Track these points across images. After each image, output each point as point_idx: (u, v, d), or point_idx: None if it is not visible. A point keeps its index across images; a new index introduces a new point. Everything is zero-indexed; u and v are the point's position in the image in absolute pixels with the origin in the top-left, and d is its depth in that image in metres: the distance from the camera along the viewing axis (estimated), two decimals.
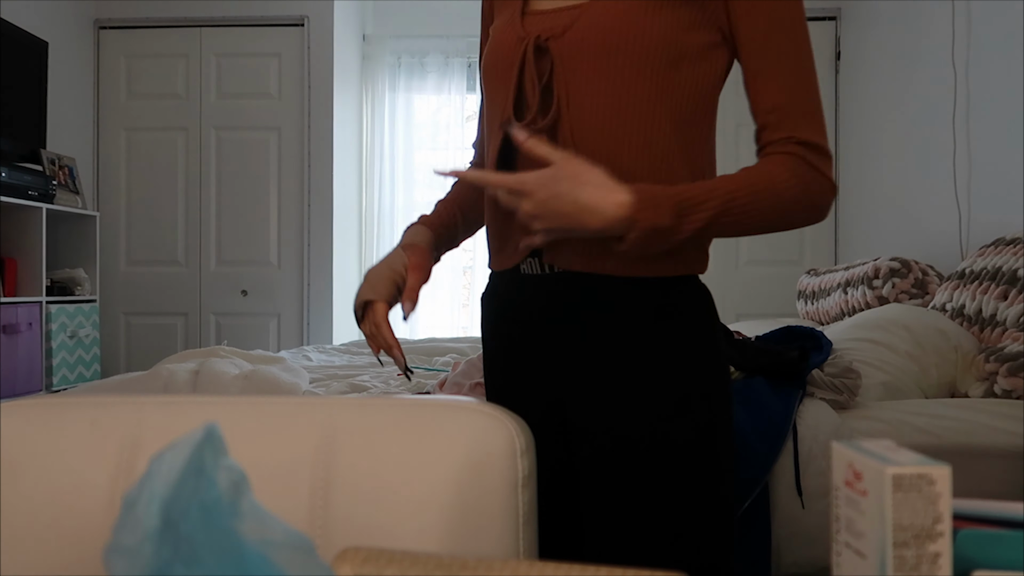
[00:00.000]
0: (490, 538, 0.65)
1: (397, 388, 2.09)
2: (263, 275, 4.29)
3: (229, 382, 1.91)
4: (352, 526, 0.65)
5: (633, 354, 0.91)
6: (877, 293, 2.63)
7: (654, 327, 0.91)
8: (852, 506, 0.44)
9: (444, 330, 4.66)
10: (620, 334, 0.91)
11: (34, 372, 3.41)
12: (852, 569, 0.44)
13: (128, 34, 4.31)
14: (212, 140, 4.30)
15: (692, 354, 0.91)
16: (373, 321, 1.04)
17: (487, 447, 0.66)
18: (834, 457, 0.46)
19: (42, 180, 3.51)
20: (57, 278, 3.72)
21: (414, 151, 4.69)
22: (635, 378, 0.90)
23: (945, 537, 0.40)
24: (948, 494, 0.41)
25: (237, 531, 0.45)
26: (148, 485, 0.44)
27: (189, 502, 0.44)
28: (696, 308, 0.93)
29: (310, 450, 0.67)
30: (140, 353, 4.30)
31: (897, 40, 3.44)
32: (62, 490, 0.66)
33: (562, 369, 0.95)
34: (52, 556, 0.65)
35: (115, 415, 0.69)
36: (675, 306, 0.92)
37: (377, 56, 4.64)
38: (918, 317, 2.13)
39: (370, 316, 1.04)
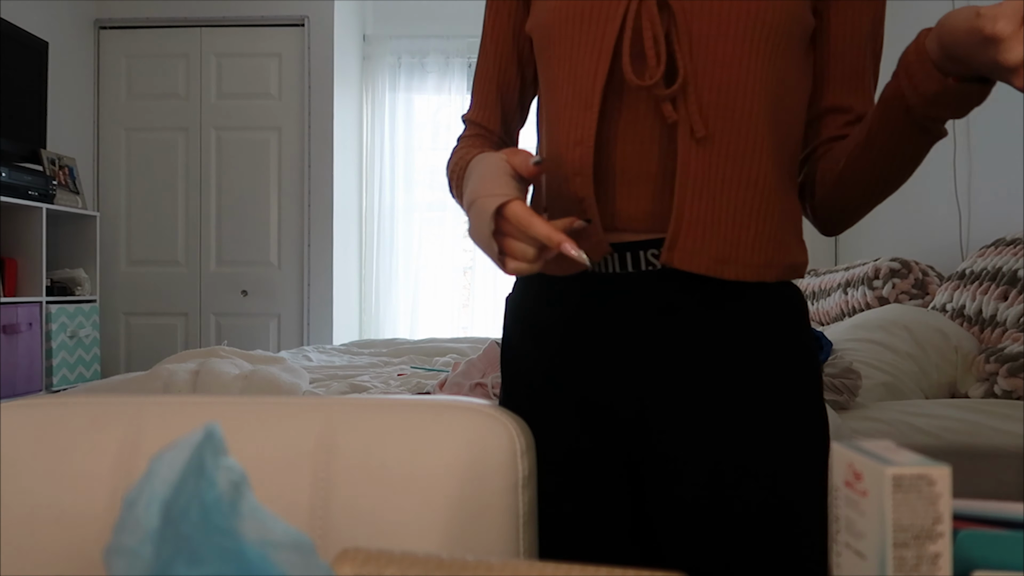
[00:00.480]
0: (490, 538, 0.65)
1: (397, 388, 2.09)
2: (263, 275, 4.29)
3: (229, 382, 1.91)
4: (352, 526, 0.65)
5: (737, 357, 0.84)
6: (877, 293, 2.63)
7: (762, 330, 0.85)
8: (852, 506, 0.44)
9: (444, 330, 4.66)
10: (726, 336, 0.85)
11: (34, 372, 3.42)
12: (852, 569, 0.44)
13: (128, 34, 4.31)
14: (212, 140, 4.30)
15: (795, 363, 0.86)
16: (520, 222, 0.75)
17: (487, 447, 0.66)
18: (834, 457, 0.46)
19: (42, 180, 3.51)
20: (57, 278, 3.72)
21: (414, 151, 4.70)
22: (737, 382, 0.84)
23: (945, 538, 0.40)
24: (948, 495, 0.41)
25: (237, 531, 0.45)
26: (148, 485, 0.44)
27: (189, 502, 0.44)
28: (799, 313, 0.88)
29: (310, 450, 0.67)
30: (140, 353, 4.30)
31: (897, 40, 3.44)
32: (62, 490, 0.66)
33: (650, 368, 0.86)
34: (52, 556, 0.65)
35: (115, 415, 0.69)
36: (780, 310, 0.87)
37: (377, 56, 4.64)
38: (918, 318, 2.13)
39: (512, 220, 0.75)
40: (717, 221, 0.82)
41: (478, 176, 0.80)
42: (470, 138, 1.02)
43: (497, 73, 1.02)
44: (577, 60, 0.85)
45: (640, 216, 0.86)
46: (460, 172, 0.95)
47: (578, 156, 0.84)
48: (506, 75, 1.01)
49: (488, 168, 0.80)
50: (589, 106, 0.84)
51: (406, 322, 4.67)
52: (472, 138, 1.02)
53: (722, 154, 0.81)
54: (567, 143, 0.85)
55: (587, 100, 0.84)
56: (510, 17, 0.99)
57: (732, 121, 0.81)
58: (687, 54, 0.80)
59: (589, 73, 0.84)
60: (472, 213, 0.78)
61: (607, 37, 0.83)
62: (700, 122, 0.80)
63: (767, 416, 0.83)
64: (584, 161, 0.83)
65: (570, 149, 0.85)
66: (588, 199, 0.84)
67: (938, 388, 1.94)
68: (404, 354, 2.94)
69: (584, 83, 0.84)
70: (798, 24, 0.83)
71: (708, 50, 0.80)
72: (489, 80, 1.02)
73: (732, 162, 0.81)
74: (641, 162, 0.85)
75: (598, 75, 0.83)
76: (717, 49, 0.80)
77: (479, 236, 0.77)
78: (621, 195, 0.86)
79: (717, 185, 0.82)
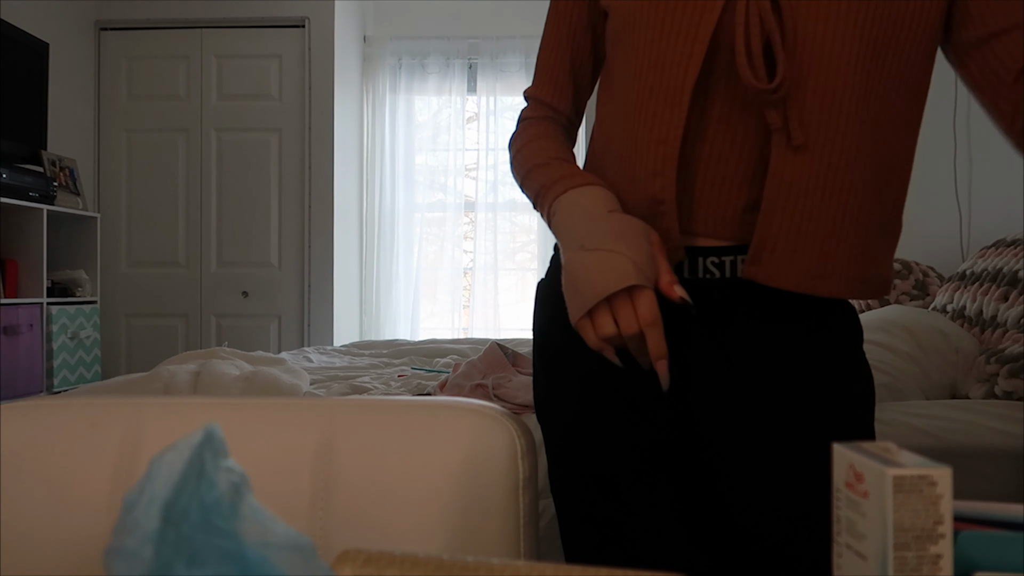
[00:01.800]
0: (491, 539, 0.65)
1: (398, 390, 2.09)
2: (264, 276, 4.29)
3: (230, 383, 1.91)
4: (353, 527, 0.65)
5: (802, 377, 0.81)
6: None
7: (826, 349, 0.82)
8: (853, 508, 0.43)
9: (445, 332, 4.66)
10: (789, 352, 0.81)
11: (35, 373, 3.42)
12: (853, 570, 0.44)
13: (129, 35, 4.31)
14: (213, 141, 4.31)
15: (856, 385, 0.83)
16: (646, 319, 0.70)
17: (488, 448, 0.66)
18: (835, 459, 0.46)
19: (43, 181, 3.51)
20: (58, 279, 3.72)
21: (415, 152, 4.70)
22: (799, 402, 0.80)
23: (946, 539, 0.40)
24: (949, 496, 0.41)
25: (237, 532, 0.45)
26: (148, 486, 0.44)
27: (189, 503, 0.44)
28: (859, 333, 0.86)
29: (311, 451, 0.67)
30: (141, 354, 4.30)
31: None
32: (62, 491, 0.66)
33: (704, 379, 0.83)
34: (52, 557, 0.65)
35: (116, 416, 0.69)
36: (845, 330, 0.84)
37: (378, 57, 4.64)
38: (919, 318, 2.13)
39: (641, 311, 0.70)
40: (810, 234, 0.76)
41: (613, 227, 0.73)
42: (540, 122, 0.93)
43: (571, 48, 0.92)
44: (665, 49, 0.77)
45: (718, 222, 0.80)
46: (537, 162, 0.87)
47: (660, 155, 0.77)
48: (580, 50, 0.92)
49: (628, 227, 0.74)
50: (677, 102, 0.76)
51: (406, 323, 4.67)
52: (542, 122, 0.93)
53: (818, 163, 0.75)
54: (647, 140, 0.78)
55: (675, 95, 0.76)
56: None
57: (831, 129, 0.75)
58: (792, 56, 0.74)
59: (679, 65, 0.76)
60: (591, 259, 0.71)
61: (703, 28, 0.75)
62: (799, 129, 0.74)
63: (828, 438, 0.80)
64: (668, 161, 0.77)
65: (651, 147, 0.78)
66: (668, 203, 0.78)
67: (939, 389, 1.94)
68: (405, 355, 2.94)
69: (672, 75, 0.77)
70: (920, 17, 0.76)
71: (812, 53, 0.74)
72: (560, 55, 0.92)
73: (828, 171, 0.75)
74: (726, 166, 0.79)
75: (690, 69, 0.76)
76: (822, 52, 0.74)
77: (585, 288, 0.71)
78: (700, 199, 0.80)
79: (811, 196, 0.75)
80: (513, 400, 1.74)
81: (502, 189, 4.69)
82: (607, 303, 0.70)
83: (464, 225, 4.70)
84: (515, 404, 1.73)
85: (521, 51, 4.55)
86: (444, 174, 4.69)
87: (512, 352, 2.04)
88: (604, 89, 0.88)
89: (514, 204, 4.74)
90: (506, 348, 2.03)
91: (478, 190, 4.65)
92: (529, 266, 4.81)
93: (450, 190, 4.65)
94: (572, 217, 0.77)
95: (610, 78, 0.86)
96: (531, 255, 4.78)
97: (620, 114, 0.82)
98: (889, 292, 0.83)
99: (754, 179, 0.79)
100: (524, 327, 4.76)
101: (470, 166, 4.71)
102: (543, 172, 0.85)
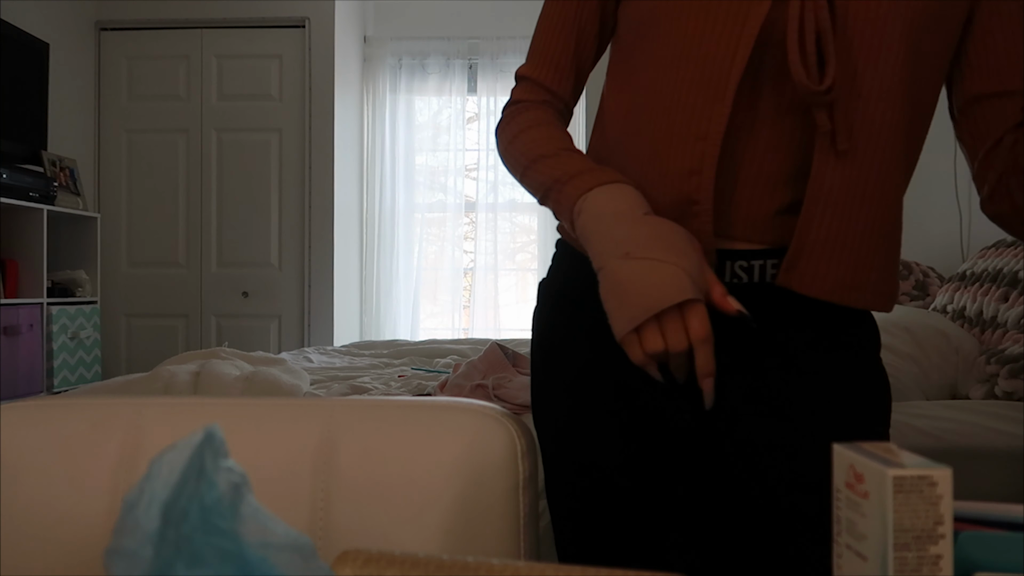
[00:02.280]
0: (491, 540, 0.65)
1: (398, 390, 2.09)
2: (264, 277, 4.29)
3: (230, 384, 1.91)
4: (353, 528, 0.65)
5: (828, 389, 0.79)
6: None
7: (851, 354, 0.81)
8: (853, 508, 0.43)
9: (445, 332, 4.66)
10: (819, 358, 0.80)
11: (35, 374, 3.42)
12: (853, 571, 0.44)
13: (129, 35, 4.31)
14: (213, 142, 4.31)
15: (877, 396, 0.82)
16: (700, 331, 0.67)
17: (488, 449, 0.66)
18: (835, 459, 0.46)
19: (43, 181, 3.51)
20: (58, 279, 3.72)
21: (415, 153, 4.70)
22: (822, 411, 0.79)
23: (946, 539, 0.40)
24: (949, 496, 0.41)
25: (238, 533, 0.45)
26: (148, 487, 0.44)
27: (189, 504, 0.44)
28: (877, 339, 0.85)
29: (311, 452, 0.67)
30: (141, 355, 4.30)
31: None
32: (62, 492, 0.66)
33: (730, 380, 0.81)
34: (52, 558, 0.65)
35: (116, 417, 0.69)
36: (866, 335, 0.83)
37: (378, 57, 4.64)
38: (919, 319, 2.13)
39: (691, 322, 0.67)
40: (846, 243, 0.74)
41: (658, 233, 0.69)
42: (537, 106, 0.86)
43: (576, 29, 0.84)
44: (707, 41, 0.73)
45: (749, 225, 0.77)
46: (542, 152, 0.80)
47: (699, 152, 0.73)
48: (586, 33, 0.85)
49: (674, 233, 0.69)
50: (720, 97, 0.72)
51: (407, 323, 4.67)
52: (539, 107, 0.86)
53: (858, 170, 0.73)
54: (685, 135, 0.74)
55: (717, 89, 0.72)
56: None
57: (872, 135, 0.73)
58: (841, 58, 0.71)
59: (723, 58, 0.72)
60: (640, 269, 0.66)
61: (751, 20, 0.71)
62: (845, 134, 0.72)
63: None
64: (707, 159, 0.73)
65: (688, 143, 0.74)
66: (703, 203, 0.74)
67: (939, 389, 1.94)
68: (405, 355, 2.94)
69: (715, 69, 0.73)
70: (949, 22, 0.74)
71: (861, 56, 0.71)
72: (564, 35, 0.84)
73: (867, 179, 0.73)
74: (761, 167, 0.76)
75: (736, 62, 0.72)
76: (870, 56, 0.71)
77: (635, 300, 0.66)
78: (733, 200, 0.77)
79: (852, 203, 0.73)
80: (513, 400, 1.74)
81: (502, 189, 4.69)
82: (655, 317, 0.67)
83: (464, 225, 4.70)
84: (515, 404, 1.73)
85: (521, 51, 4.55)
86: (444, 174, 4.69)
87: (512, 352, 2.04)
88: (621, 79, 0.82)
89: (514, 204, 4.74)
90: (506, 348, 2.03)
91: (478, 190, 4.65)
92: (529, 266, 4.80)
93: (450, 190, 4.65)
94: (604, 219, 0.72)
95: (631, 68, 0.80)
96: (531, 255, 4.78)
97: (647, 107, 0.77)
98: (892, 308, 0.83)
99: (788, 182, 0.76)
100: (524, 327, 4.76)
101: (470, 166, 4.71)
102: (552, 164, 0.79)
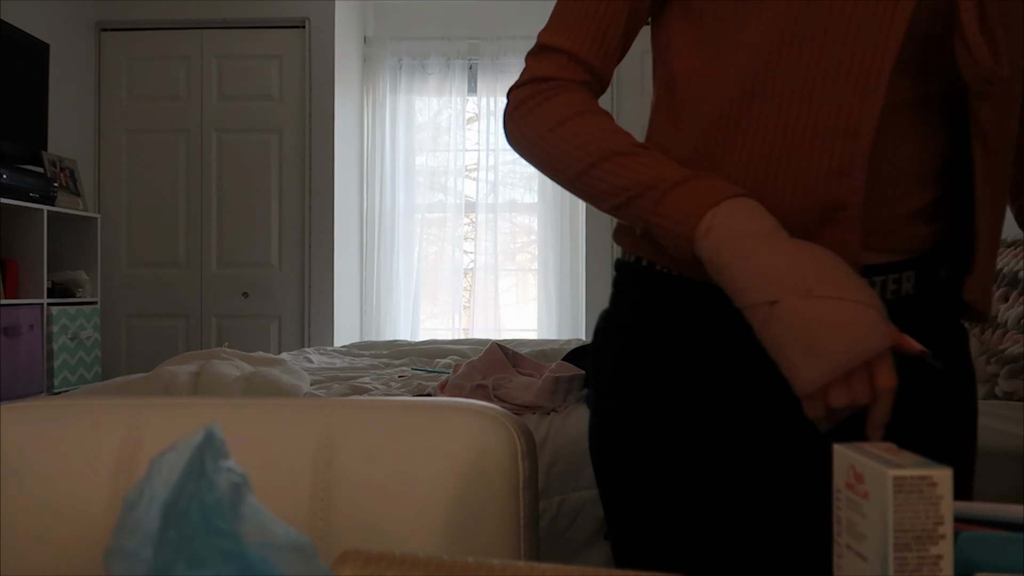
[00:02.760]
0: (491, 540, 0.65)
1: (398, 390, 2.09)
2: (264, 277, 4.30)
3: (230, 384, 1.91)
4: (353, 528, 0.65)
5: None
6: None
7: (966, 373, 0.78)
8: (853, 508, 0.43)
9: (445, 332, 4.66)
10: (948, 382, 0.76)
11: (35, 374, 3.42)
12: (853, 571, 0.44)
13: (129, 36, 4.31)
14: (213, 142, 4.31)
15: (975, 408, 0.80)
16: (888, 382, 0.58)
17: (489, 449, 0.66)
18: (835, 459, 0.46)
19: (43, 182, 3.51)
20: (58, 280, 3.72)
21: (415, 153, 4.70)
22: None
23: (947, 540, 0.40)
24: (949, 496, 0.41)
25: (238, 533, 0.45)
26: (148, 487, 0.44)
27: (189, 504, 0.44)
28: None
29: (311, 452, 0.67)
30: (141, 355, 4.30)
31: None
32: (62, 492, 0.66)
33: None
34: (52, 558, 0.65)
35: (116, 417, 0.69)
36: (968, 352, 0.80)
37: (378, 58, 4.64)
38: None
39: (879, 371, 0.59)
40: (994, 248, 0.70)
41: (833, 265, 0.60)
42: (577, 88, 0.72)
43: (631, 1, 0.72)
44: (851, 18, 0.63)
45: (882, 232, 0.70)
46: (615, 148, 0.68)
47: (848, 150, 0.64)
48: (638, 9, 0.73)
49: (843, 264, 0.61)
50: (871, 89, 0.63)
51: (407, 324, 4.67)
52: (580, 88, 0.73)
53: (996, 170, 0.68)
54: (827, 130, 0.65)
55: (867, 78, 0.63)
56: None
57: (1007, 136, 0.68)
58: (1002, 45, 0.63)
59: (872, 43, 0.63)
60: (833, 312, 0.57)
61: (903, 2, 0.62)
62: (997, 131, 0.66)
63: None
64: (857, 158, 0.64)
65: (834, 139, 0.65)
66: (852, 208, 0.65)
67: None
68: (405, 356, 2.94)
69: (863, 55, 0.63)
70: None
71: (1014, 43, 0.64)
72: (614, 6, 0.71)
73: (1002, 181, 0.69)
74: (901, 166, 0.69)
75: (888, 48, 0.63)
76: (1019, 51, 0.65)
77: (834, 347, 0.57)
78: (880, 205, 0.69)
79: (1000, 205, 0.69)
80: (513, 401, 1.74)
81: (502, 190, 4.69)
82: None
83: (464, 226, 4.70)
84: (515, 405, 1.73)
85: (521, 52, 4.55)
86: (444, 175, 4.69)
87: (512, 353, 2.04)
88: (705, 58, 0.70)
89: (514, 205, 4.74)
90: (506, 349, 2.03)
91: (478, 191, 4.65)
92: (529, 267, 4.81)
93: (450, 191, 4.65)
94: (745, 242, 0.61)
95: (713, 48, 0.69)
96: (531, 256, 4.78)
97: (761, 95, 0.67)
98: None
99: (926, 182, 0.70)
100: (524, 328, 4.76)
101: (470, 167, 4.72)
102: (633, 165, 0.67)
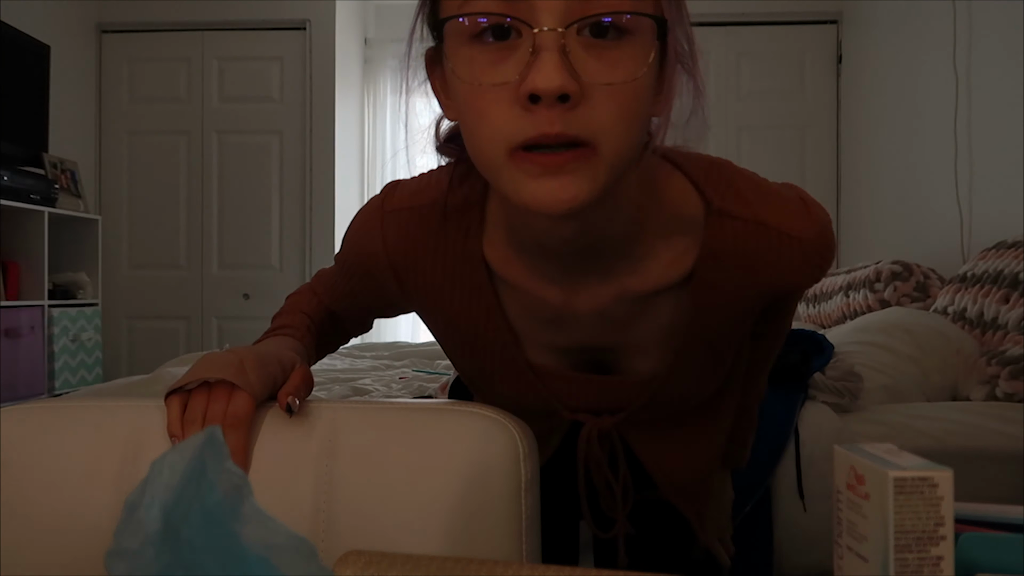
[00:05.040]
0: (493, 542, 0.65)
1: (399, 392, 2.09)
2: (265, 278, 4.30)
3: None
4: (354, 529, 0.65)
5: None
6: (879, 296, 2.63)
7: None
8: (854, 509, 0.43)
9: None
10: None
11: (36, 376, 3.41)
12: (854, 572, 0.44)
13: (130, 38, 4.32)
14: (214, 144, 4.31)
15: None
16: (235, 417, 0.65)
17: (490, 451, 0.66)
18: (836, 460, 0.46)
19: (44, 184, 3.51)
20: (59, 282, 3.72)
21: (416, 154, 4.69)
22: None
23: (947, 541, 0.40)
24: (950, 498, 0.41)
25: (239, 535, 0.45)
26: (150, 489, 0.44)
27: (191, 506, 0.44)
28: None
29: (312, 454, 0.67)
30: (142, 357, 4.30)
31: (898, 43, 3.44)
32: (63, 494, 0.66)
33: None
34: (53, 560, 0.65)
35: (117, 419, 0.69)
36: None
37: (379, 59, 4.64)
38: (920, 320, 2.13)
39: (231, 408, 0.65)
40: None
41: (254, 351, 0.71)
42: (301, 318, 0.91)
43: (367, 307, 0.95)
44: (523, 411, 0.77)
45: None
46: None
47: (547, 430, 0.89)
48: (374, 311, 0.97)
49: (270, 351, 0.73)
50: (554, 431, 0.90)
51: (408, 325, 4.67)
52: (300, 327, 0.88)
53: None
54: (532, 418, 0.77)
55: (550, 433, 0.89)
56: (378, 295, 0.87)
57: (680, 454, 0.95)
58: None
59: (543, 426, 0.83)
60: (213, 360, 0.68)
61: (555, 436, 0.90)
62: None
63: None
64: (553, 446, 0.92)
65: (538, 419, 0.79)
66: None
67: (940, 391, 1.94)
68: (406, 357, 2.93)
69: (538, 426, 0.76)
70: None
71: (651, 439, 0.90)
72: (357, 306, 0.94)
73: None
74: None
75: (554, 435, 0.90)
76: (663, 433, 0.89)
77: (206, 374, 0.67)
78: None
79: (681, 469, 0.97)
80: None
81: None
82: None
83: None
84: None
85: None
86: None
87: None
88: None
89: None
90: None
91: None
92: None
93: None
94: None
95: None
96: None
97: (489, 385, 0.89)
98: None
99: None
100: None
101: None
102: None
